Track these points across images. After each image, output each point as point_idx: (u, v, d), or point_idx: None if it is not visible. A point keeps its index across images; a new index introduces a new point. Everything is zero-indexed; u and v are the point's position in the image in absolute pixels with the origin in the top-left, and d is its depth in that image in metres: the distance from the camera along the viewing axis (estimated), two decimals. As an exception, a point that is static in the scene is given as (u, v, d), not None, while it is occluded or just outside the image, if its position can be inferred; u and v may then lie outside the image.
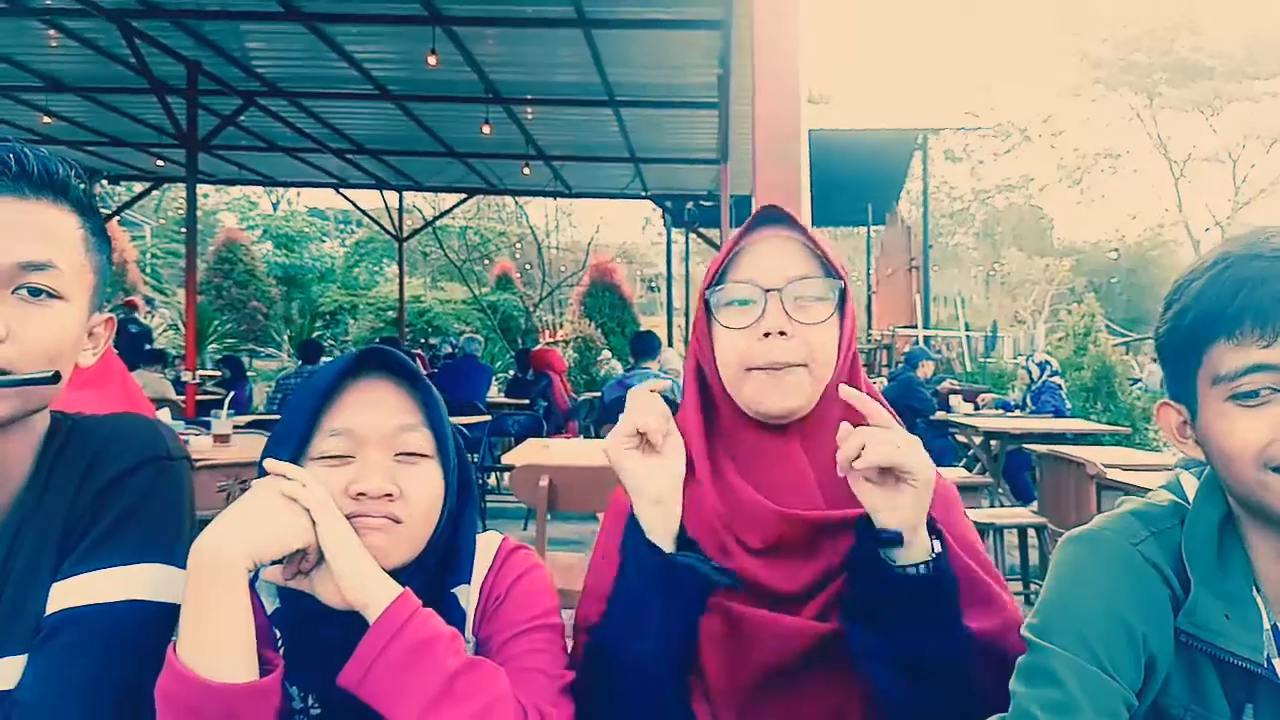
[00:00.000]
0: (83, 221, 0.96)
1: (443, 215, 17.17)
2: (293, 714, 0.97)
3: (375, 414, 0.99)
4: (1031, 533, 4.86)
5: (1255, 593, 0.91)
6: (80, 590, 0.92)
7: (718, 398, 1.15)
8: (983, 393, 10.00)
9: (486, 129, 9.07)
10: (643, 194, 13.21)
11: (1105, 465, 4.11)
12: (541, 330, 18.79)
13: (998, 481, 6.83)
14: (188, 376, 8.19)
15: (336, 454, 0.98)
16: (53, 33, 7.37)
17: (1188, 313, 0.91)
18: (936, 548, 0.99)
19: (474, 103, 8.70)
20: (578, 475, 3.41)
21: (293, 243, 23.84)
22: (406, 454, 1.00)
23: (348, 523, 0.94)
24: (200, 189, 12.09)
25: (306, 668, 0.96)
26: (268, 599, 1.00)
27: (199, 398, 8.15)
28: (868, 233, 18.23)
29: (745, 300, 1.11)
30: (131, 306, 12.91)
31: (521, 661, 0.99)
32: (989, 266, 28.06)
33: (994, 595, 1.07)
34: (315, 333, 18.36)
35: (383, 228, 15.38)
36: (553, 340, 15.96)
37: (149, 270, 20.50)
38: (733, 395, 1.12)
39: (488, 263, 22.42)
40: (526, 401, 9.30)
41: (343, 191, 14.05)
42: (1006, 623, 1.03)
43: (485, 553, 1.07)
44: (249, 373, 12.08)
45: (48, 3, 6.79)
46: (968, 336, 16.05)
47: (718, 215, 9.61)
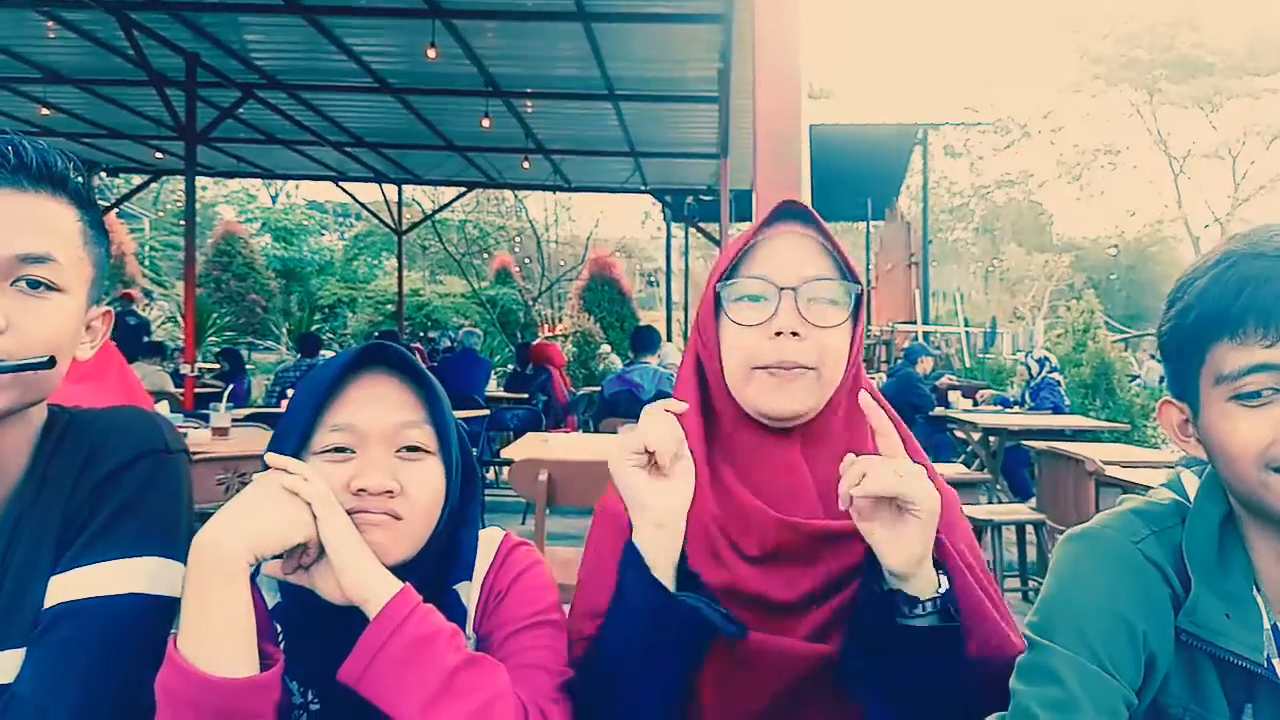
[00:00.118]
0: (81, 214, 0.96)
1: (442, 209, 17.19)
2: (292, 709, 0.97)
3: (377, 410, 0.99)
4: (1030, 529, 4.87)
5: (1256, 592, 0.90)
6: (79, 583, 0.91)
7: (717, 397, 1.11)
8: (981, 389, 10.01)
9: (486, 122, 9.05)
10: (642, 188, 13.18)
11: (1104, 462, 4.13)
12: (541, 324, 18.78)
13: (996, 478, 6.84)
14: (186, 369, 8.19)
15: (338, 449, 0.98)
16: (51, 24, 7.34)
17: (1190, 311, 0.90)
18: (943, 584, 0.96)
19: (474, 96, 8.68)
20: (577, 470, 3.42)
21: (291, 236, 23.76)
22: (408, 450, 0.99)
23: (349, 518, 0.93)
24: (199, 182, 12.10)
25: (307, 662, 0.96)
26: (269, 593, 1.00)
27: (197, 390, 8.17)
28: (867, 228, 18.21)
29: (758, 296, 1.07)
30: (128, 299, 12.91)
31: (522, 658, 0.99)
32: (988, 262, 28.08)
33: (998, 625, 1.03)
34: (314, 326, 18.32)
35: (382, 221, 15.35)
36: (552, 335, 15.96)
37: (148, 263, 20.48)
38: (735, 394, 1.09)
39: (487, 256, 22.36)
40: (525, 396, 9.30)
41: (342, 185, 14.02)
42: (1007, 649, 1.00)
43: (487, 549, 1.07)
44: (248, 365, 12.06)
45: (46, -7, 6.78)
46: (967, 332, 16.03)
47: (717, 210, 9.58)
